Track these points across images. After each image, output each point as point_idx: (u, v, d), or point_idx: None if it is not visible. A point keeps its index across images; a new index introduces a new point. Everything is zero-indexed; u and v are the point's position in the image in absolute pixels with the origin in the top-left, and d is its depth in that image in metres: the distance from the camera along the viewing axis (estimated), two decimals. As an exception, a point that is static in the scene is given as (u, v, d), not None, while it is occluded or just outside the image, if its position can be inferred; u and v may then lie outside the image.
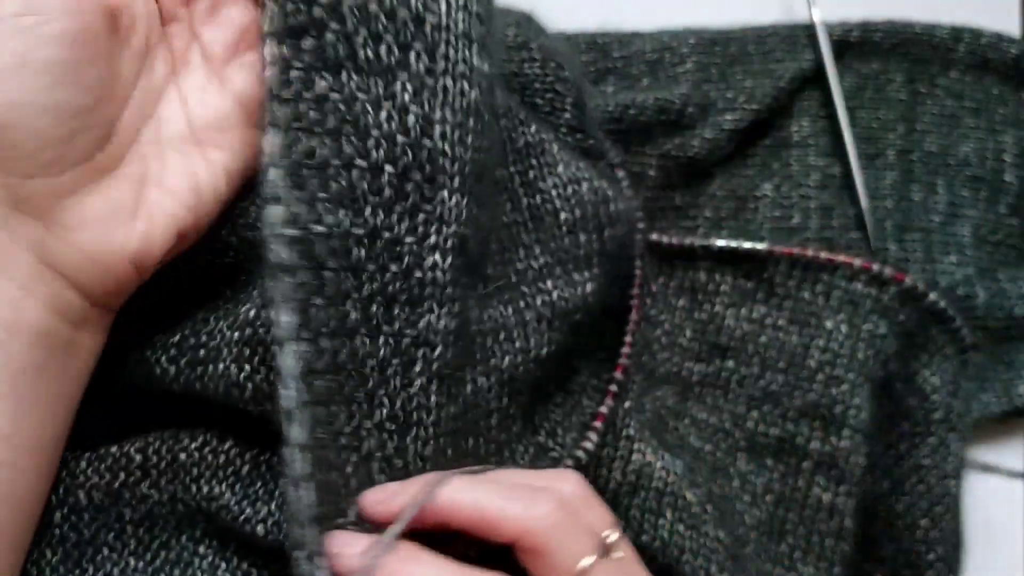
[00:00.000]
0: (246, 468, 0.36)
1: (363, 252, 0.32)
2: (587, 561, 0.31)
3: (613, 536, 0.33)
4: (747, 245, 0.49)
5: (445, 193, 0.34)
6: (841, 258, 0.48)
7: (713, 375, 0.49)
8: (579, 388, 0.45)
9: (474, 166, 0.35)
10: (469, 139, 0.35)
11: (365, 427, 0.33)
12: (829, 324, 0.47)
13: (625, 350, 0.46)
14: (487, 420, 0.38)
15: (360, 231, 0.32)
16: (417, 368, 0.34)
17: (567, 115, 0.46)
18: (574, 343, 0.43)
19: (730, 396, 0.48)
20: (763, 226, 0.53)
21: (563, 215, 0.41)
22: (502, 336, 0.38)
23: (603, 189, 0.42)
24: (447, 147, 0.34)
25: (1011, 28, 0.57)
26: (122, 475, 0.36)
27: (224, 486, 0.36)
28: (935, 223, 0.54)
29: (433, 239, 0.34)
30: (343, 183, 0.32)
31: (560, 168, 0.41)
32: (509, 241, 0.40)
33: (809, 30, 0.55)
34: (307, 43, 0.32)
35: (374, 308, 0.33)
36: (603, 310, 0.45)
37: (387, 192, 0.33)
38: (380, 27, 0.33)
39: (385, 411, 0.34)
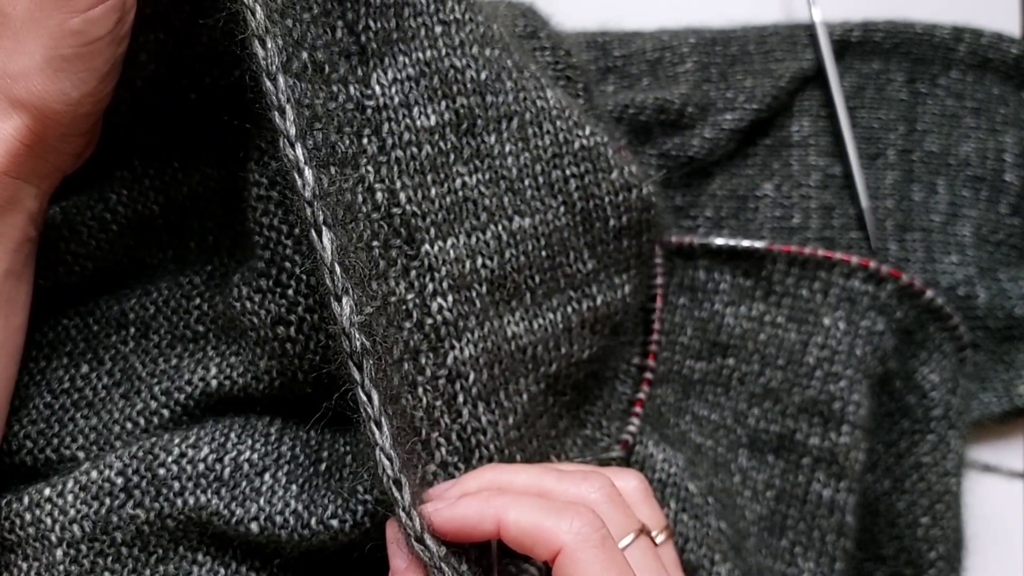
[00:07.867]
0: (227, 471, 0.37)
1: (384, 321, 0.35)
2: (627, 540, 0.32)
3: (660, 537, 0.34)
4: (745, 243, 0.49)
5: (427, 246, 0.37)
6: (838, 255, 0.48)
7: (714, 373, 0.49)
8: (611, 374, 0.47)
9: (452, 205, 0.38)
10: (432, 191, 0.38)
11: (431, 471, 0.35)
12: (827, 321, 0.48)
13: (654, 338, 0.48)
14: (539, 421, 0.40)
15: (372, 305, 0.34)
16: (460, 399, 0.37)
17: (580, 101, 0.46)
18: (614, 342, 0.44)
19: (731, 393, 0.49)
20: (764, 226, 0.53)
21: (612, 222, 0.42)
22: (551, 344, 0.40)
23: (648, 196, 0.43)
24: (414, 208, 0.37)
25: (1011, 28, 0.57)
26: (108, 500, 0.37)
27: (209, 493, 0.37)
28: (936, 223, 0.54)
29: (431, 287, 0.37)
30: (359, 263, 0.34)
31: (614, 174, 0.42)
32: (559, 245, 0.41)
33: (809, 30, 0.55)
34: (309, 143, 0.34)
35: (406, 367, 0.35)
36: None
37: (381, 264, 0.36)
38: (340, 119, 0.36)
39: (444, 449, 0.36)
